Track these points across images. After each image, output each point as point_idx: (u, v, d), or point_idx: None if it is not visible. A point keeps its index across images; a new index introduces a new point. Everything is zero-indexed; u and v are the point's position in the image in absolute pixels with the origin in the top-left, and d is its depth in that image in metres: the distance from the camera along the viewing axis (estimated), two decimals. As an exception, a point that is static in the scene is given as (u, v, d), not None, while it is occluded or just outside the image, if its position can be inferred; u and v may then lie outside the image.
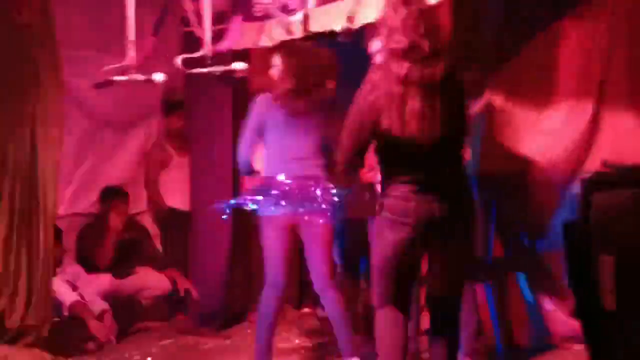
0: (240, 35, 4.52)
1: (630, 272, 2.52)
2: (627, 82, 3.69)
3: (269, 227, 3.75)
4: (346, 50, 3.95)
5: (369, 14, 3.73)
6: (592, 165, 3.50)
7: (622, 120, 3.69)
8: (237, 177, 4.91)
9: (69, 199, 5.20)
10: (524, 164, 3.93)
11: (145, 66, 4.74)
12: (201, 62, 4.04)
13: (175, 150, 5.42)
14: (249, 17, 4.52)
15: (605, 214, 2.64)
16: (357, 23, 3.86)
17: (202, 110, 5.08)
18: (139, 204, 5.51)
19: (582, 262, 2.67)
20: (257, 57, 4.59)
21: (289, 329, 4.86)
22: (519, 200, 3.95)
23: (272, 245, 3.76)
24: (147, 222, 5.50)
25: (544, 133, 3.93)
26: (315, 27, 4.02)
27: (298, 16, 3.97)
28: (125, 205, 5.22)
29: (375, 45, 3.56)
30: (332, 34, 3.79)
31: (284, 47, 3.86)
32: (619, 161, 2.85)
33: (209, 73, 4.02)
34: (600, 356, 2.70)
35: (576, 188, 2.90)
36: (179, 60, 4.07)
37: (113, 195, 5.20)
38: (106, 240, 5.10)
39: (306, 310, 5.36)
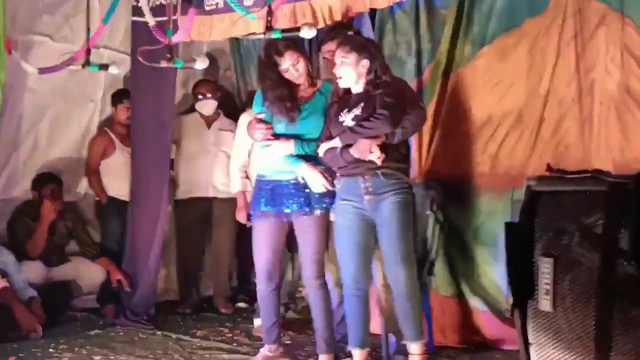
0: (191, 28, 4.52)
1: (567, 275, 2.62)
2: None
3: None
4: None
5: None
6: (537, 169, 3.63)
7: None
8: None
9: (4, 183, 5.07)
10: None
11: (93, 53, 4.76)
12: (158, 55, 4.01)
13: (119, 139, 5.37)
14: (202, 10, 4.53)
15: (546, 216, 2.74)
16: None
17: (146, 102, 5.04)
18: (77, 192, 5.43)
19: (521, 262, 2.77)
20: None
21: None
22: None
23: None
24: (85, 210, 5.43)
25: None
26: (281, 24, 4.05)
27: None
28: (59, 192, 5.11)
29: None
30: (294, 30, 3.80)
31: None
32: (561, 166, 2.97)
33: (167, 67, 4.00)
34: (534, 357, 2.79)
35: (521, 193, 2.99)
36: (139, 52, 4.01)
37: (46, 181, 5.10)
38: (39, 228, 4.99)
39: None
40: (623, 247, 2.41)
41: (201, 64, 4.20)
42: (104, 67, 4.78)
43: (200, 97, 5.41)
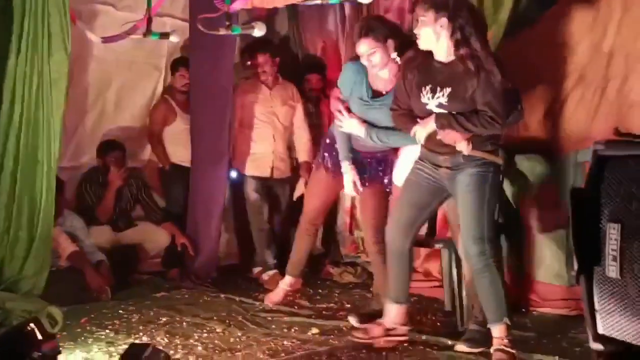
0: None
1: (634, 241, 2.56)
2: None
3: None
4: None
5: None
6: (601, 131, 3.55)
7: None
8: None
9: (73, 151, 5.22)
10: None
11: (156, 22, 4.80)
12: (218, 22, 4.03)
13: (179, 107, 5.43)
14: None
15: (614, 182, 2.68)
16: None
17: (205, 69, 5.07)
18: (141, 158, 5.55)
19: (587, 228, 2.72)
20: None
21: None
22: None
23: None
24: (150, 176, 5.53)
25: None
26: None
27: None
28: (122, 159, 5.22)
29: None
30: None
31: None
32: (626, 126, 2.89)
33: (225, 34, 4.02)
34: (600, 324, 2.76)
35: (586, 155, 2.94)
36: (198, 20, 4.04)
37: (110, 149, 5.21)
38: (106, 195, 5.14)
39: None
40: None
41: (259, 30, 4.19)
42: (164, 35, 4.78)
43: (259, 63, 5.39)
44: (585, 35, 3.94)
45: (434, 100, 3.35)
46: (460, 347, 3.61)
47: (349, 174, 4.02)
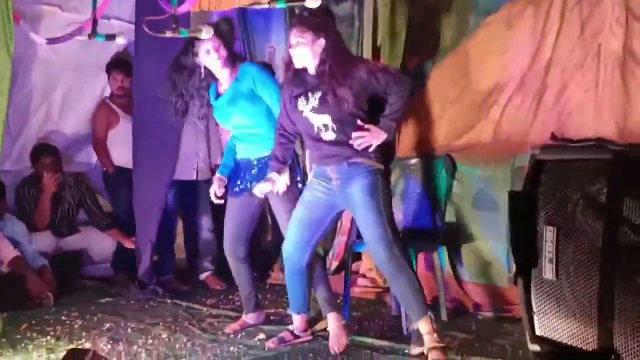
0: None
1: (570, 243, 2.62)
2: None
3: None
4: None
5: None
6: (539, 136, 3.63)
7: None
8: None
9: (17, 154, 5.15)
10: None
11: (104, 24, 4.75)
12: (164, 25, 4.00)
13: (122, 109, 5.39)
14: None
15: (550, 185, 2.74)
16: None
17: (149, 71, 4.93)
18: (88, 162, 5.48)
19: (524, 231, 2.77)
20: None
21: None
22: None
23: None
24: (96, 181, 5.49)
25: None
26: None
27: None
28: (56, 164, 5.13)
29: None
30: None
31: None
32: (564, 132, 2.97)
33: (172, 37, 3.98)
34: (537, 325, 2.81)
35: (524, 160, 2.99)
36: (144, 22, 4.00)
37: (42, 154, 5.13)
38: (42, 200, 5.06)
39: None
40: (627, 215, 2.40)
41: (207, 33, 4.17)
42: (110, 37, 4.72)
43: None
44: (526, 43, 4.03)
45: (308, 106, 3.52)
46: (415, 349, 3.60)
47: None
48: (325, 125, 3.46)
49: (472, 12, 4.19)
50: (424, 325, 3.45)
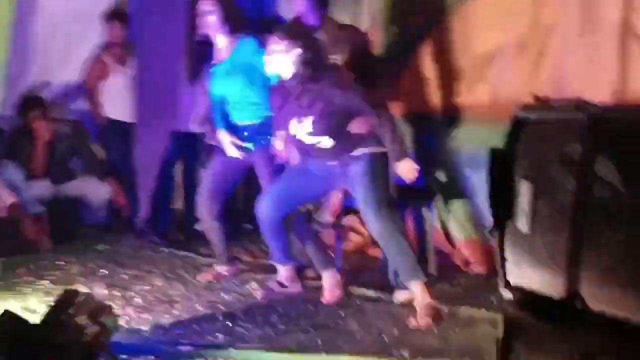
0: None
1: (544, 198, 2.72)
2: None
3: None
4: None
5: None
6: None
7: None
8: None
9: (17, 100, 5.12)
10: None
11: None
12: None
13: (116, 61, 5.38)
14: None
15: (528, 143, 2.82)
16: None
17: (153, 22, 4.96)
18: (81, 110, 5.50)
19: (502, 185, 2.87)
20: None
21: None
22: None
23: None
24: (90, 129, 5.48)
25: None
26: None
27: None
28: (44, 111, 5.10)
29: None
30: None
31: None
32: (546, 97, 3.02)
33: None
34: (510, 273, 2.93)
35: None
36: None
37: (30, 103, 5.11)
38: (36, 149, 5.06)
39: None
40: (599, 173, 2.49)
41: None
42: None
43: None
44: (527, 7, 4.05)
45: (302, 130, 3.63)
46: (401, 296, 3.73)
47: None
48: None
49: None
50: (419, 285, 3.57)
